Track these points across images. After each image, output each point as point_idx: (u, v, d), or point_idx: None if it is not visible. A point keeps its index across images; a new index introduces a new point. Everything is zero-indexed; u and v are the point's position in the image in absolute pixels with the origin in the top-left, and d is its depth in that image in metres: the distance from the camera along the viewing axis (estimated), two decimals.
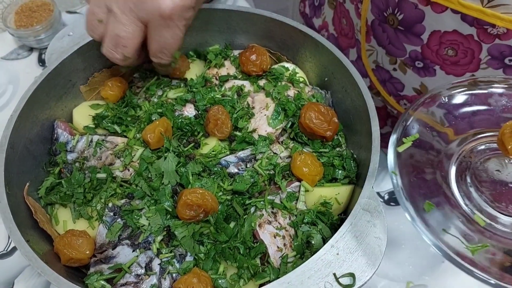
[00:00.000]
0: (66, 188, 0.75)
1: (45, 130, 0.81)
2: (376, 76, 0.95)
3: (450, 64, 0.78)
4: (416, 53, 0.81)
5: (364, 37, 0.91)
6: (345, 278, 0.57)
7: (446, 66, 0.79)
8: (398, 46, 0.83)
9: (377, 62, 0.92)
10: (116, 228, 0.70)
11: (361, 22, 0.88)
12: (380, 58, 0.90)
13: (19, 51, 1.24)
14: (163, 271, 0.67)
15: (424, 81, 0.84)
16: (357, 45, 0.96)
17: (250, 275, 0.66)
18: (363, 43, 0.92)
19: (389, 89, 0.93)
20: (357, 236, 0.60)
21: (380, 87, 0.95)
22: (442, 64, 0.79)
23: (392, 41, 0.83)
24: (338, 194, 0.74)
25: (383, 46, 0.87)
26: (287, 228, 0.71)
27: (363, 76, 0.98)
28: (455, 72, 0.78)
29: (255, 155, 0.79)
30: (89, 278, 0.66)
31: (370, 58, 0.93)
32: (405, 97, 0.91)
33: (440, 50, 0.77)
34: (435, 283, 0.85)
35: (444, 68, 0.79)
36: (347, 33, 0.99)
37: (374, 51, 0.90)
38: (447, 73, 0.79)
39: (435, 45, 0.77)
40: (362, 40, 0.91)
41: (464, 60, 0.75)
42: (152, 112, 0.83)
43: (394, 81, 0.90)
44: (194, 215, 0.69)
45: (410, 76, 0.86)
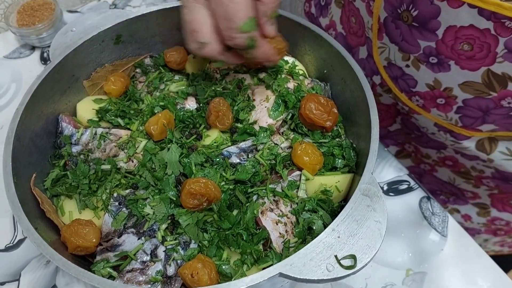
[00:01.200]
0: (71, 180, 0.76)
1: (50, 124, 0.82)
2: (388, 73, 0.95)
3: (465, 59, 0.77)
4: (430, 49, 0.80)
5: (376, 35, 0.90)
6: (346, 260, 0.58)
7: (461, 61, 0.78)
8: (412, 42, 0.82)
9: (389, 59, 0.91)
10: (122, 217, 0.72)
11: (373, 20, 0.88)
12: (392, 55, 0.90)
13: (21, 50, 1.26)
14: (168, 258, 0.68)
15: (438, 76, 0.84)
16: (367, 42, 0.96)
17: (253, 260, 0.67)
18: (375, 41, 0.92)
19: (401, 85, 0.93)
20: (358, 220, 0.62)
21: (392, 84, 0.95)
22: (457, 59, 0.78)
23: (406, 37, 0.83)
24: (338, 182, 0.75)
25: (396, 43, 0.86)
26: (289, 216, 0.73)
27: (374, 73, 0.99)
28: (470, 67, 0.78)
29: (256, 146, 0.80)
30: (96, 266, 0.68)
31: (382, 55, 0.93)
32: (417, 93, 0.91)
33: (456, 45, 0.76)
34: (434, 270, 0.87)
35: (459, 63, 0.79)
36: (356, 31, 0.99)
37: (386, 48, 0.90)
38: (462, 68, 0.79)
39: (451, 40, 0.76)
40: (373, 37, 0.91)
41: (480, 54, 0.75)
42: (155, 105, 0.85)
43: (407, 78, 0.90)
44: (198, 203, 0.71)
45: (424, 72, 0.86)
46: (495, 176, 0.99)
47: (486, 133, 0.89)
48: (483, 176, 1.02)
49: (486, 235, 1.25)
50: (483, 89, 0.79)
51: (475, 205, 1.15)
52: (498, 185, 1.02)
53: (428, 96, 0.89)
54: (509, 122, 0.84)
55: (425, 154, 1.12)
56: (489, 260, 0.88)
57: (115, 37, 0.90)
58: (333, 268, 0.57)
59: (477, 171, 1.01)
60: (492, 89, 0.78)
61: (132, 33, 0.91)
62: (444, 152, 1.04)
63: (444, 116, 0.90)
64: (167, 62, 0.94)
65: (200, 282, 0.62)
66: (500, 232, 1.21)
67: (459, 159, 1.02)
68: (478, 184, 1.07)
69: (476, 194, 1.11)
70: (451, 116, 0.89)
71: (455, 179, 1.11)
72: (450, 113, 0.88)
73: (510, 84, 0.76)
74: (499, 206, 1.11)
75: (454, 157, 1.03)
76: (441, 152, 1.05)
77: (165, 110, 0.82)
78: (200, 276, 0.63)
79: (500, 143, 0.90)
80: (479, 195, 1.11)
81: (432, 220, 0.92)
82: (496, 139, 0.90)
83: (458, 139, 0.93)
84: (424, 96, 0.89)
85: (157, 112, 0.83)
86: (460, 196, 1.16)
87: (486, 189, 1.07)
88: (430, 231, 0.91)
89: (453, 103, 0.86)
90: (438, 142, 1.01)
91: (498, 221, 1.16)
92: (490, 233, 1.23)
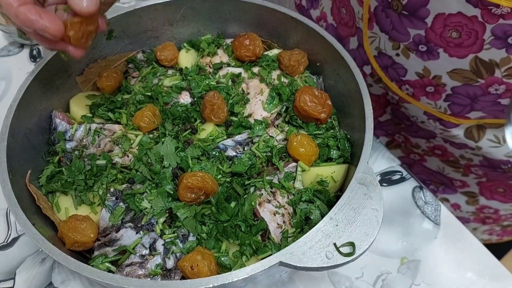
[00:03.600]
0: (67, 176, 0.76)
1: (43, 120, 0.82)
2: (378, 63, 0.96)
3: (454, 46, 0.79)
4: (420, 37, 0.82)
5: (366, 25, 0.91)
6: (345, 247, 0.59)
7: (450, 48, 0.80)
8: (401, 31, 0.84)
9: (380, 49, 0.93)
10: (119, 211, 0.72)
11: (364, 9, 0.89)
12: (382, 44, 0.91)
13: (10, 48, 1.24)
14: (167, 251, 0.68)
15: (427, 64, 0.85)
16: (358, 33, 0.97)
17: (252, 251, 0.68)
18: (365, 31, 0.93)
19: (391, 75, 0.95)
20: (355, 208, 0.63)
21: (382, 74, 0.97)
22: (446, 47, 0.80)
23: (396, 26, 0.84)
24: (333, 173, 0.76)
25: (386, 32, 0.87)
26: (286, 207, 0.74)
27: (364, 63, 1.00)
28: (458, 54, 0.79)
29: (251, 139, 0.81)
30: (94, 261, 0.68)
31: (372, 45, 0.94)
32: (407, 82, 0.92)
33: (444, 33, 0.78)
34: (428, 258, 0.88)
35: (447, 51, 0.80)
36: (347, 22, 1.00)
37: (376, 38, 0.91)
38: (450, 55, 0.81)
39: (439, 28, 0.78)
40: (364, 27, 0.92)
41: (468, 41, 0.76)
42: (137, 94, 0.85)
43: (397, 67, 0.91)
44: (195, 197, 0.71)
45: (413, 60, 0.87)
46: (483, 164, 1.00)
47: (474, 120, 0.90)
48: (471, 164, 1.04)
49: (475, 224, 1.27)
50: (471, 76, 0.81)
51: (464, 194, 1.17)
52: (486, 173, 1.04)
53: (417, 85, 0.90)
54: (496, 109, 0.86)
55: (415, 144, 1.14)
56: (481, 247, 0.89)
57: (107, 33, 0.89)
58: (332, 255, 0.58)
59: (466, 159, 1.03)
60: (480, 76, 0.80)
61: (124, 28, 0.91)
62: (433, 141, 1.06)
63: (433, 104, 0.91)
64: (158, 59, 0.94)
65: (200, 274, 0.63)
66: (489, 220, 1.23)
67: (448, 148, 1.04)
68: (466, 173, 1.09)
69: (464, 183, 1.13)
70: (440, 104, 0.90)
71: (444, 168, 1.13)
72: (439, 101, 0.90)
73: (497, 71, 0.77)
74: (487, 194, 1.13)
75: (443, 146, 1.05)
76: (430, 141, 1.07)
77: (149, 104, 0.83)
78: (200, 268, 0.63)
79: (488, 130, 0.92)
80: (467, 183, 1.13)
81: (425, 209, 0.94)
82: (484, 126, 0.91)
83: (447, 127, 0.94)
84: (414, 85, 0.91)
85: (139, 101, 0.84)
86: (449, 185, 1.18)
87: (475, 177, 1.08)
88: (423, 220, 0.92)
89: (442, 91, 0.87)
90: (428, 131, 1.03)
91: (487, 209, 1.18)
92: (479, 221, 1.25)
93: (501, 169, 0.98)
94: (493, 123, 0.89)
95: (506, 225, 1.25)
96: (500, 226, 1.26)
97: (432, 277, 0.86)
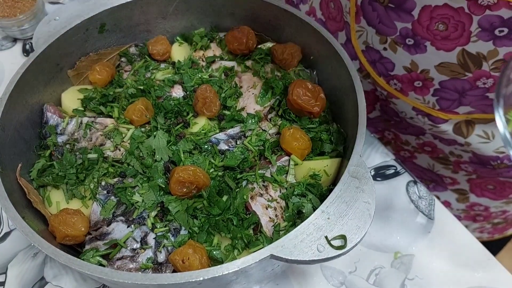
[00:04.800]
0: (58, 170, 0.75)
1: (34, 114, 0.81)
2: (366, 57, 0.96)
3: (441, 39, 0.78)
4: (407, 30, 0.81)
5: (353, 18, 0.91)
6: (336, 241, 0.59)
7: (437, 41, 0.79)
8: (388, 24, 0.83)
9: (367, 43, 0.92)
10: (110, 205, 0.71)
11: (350, 3, 0.89)
12: (370, 38, 0.91)
13: (2, 42, 1.24)
14: (158, 245, 0.68)
15: (415, 58, 0.85)
16: (346, 27, 0.97)
17: (244, 244, 0.67)
18: (353, 25, 0.92)
19: (379, 69, 0.95)
20: (347, 202, 0.62)
21: (370, 69, 0.96)
22: (433, 40, 0.80)
23: (383, 19, 0.84)
24: (326, 166, 0.76)
25: (373, 25, 0.87)
26: (278, 200, 0.73)
27: (352, 58, 0.99)
28: (445, 47, 0.79)
29: (244, 132, 0.80)
30: (85, 255, 0.67)
31: (360, 39, 0.94)
32: (395, 76, 0.92)
33: (431, 26, 0.78)
34: (422, 252, 0.88)
35: (434, 44, 0.80)
36: (335, 17, 1.00)
37: (364, 32, 0.91)
38: (438, 48, 0.80)
39: (426, 21, 0.77)
40: (351, 21, 0.92)
41: (455, 34, 0.76)
42: (130, 87, 0.85)
43: (385, 61, 0.91)
44: (187, 191, 0.70)
45: (401, 54, 0.87)
46: (472, 160, 1.00)
47: (463, 115, 0.90)
48: (461, 161, 1.03)
49: (466, 222, 1.27)
50: (459, 70, 0.81)
51: (454, 191, 1.17)
52: (476, 169, 1.04)
53: (405, 79, 0.90)
54: (485, 104, 0.85)
55: (405, 141, 1.14)
56: (475, 241, 0.89)
57: (99, 26, 0.88)
58: (323, 248, 0.58)
59: (455, 156, 1.03)
60: (467, 69, 0.80)
61: (117, 21, 0.90)
62: (423, 138, 1.06)
63: (421, 99, 0.91)
64: (150, 53, 0.93)
65: (191, 267, 0.62)
66: (479, 218, 1.23)
67: (438, 144, 1.04)
68: (456, 170, 1.09)
69: (455, 180, 1.13)
70: (428, 99, 0.90)
71: (434, 165, 1.13)
72: (428, 96, 0.89)
73: (484, 64, 0.77)
74: (477, 191, 1.12)
75: (432, 143, 1.05)
76: (420, 138, 1.07)
77: (141, 98, 0.82)
78: (191, 261, 0.63)
79: (477, 126, 0.91)
80: (457, 180, 1.13)
81: (419, 203, 0.93)
82: (473, 122, 0.91)
83: (436, 122, 0.94)
84: (402, 79, 0.91)
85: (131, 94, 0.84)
86: (439, 182, 1.17)
87: (465, 174, 1.08)
88: (417, 214, 0.92)
89: (430, 86, 0.87)
90: (417, 128, 1.02)
91: (477, 207, 1.18)
92: (469, 219, 1.25)
93: (490, 165, 0.98)
94: (481, 118, 0.89)
95: (497, 222, 1.24)
96: (490, 224, 1.26)
97: (426, 272, 0.85)
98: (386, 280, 0.84)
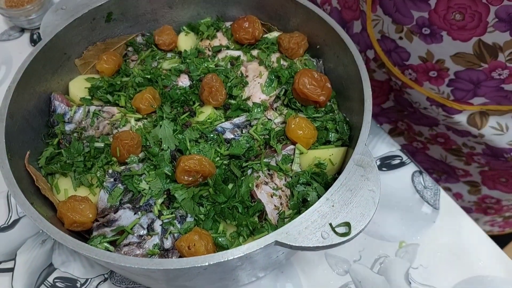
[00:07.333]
0: (66, 157, 0.76)
1: (42, 103, 0.82)
2: (381, 47, 0.95)
3: (457, 29, 0.78)
4: (423, 20, 0.81)
5: (369, 7, 0.90)
6: (341, 228, 0.59)
7: (453, 31, 0.79)
8: (405, 13, 0.83)
9: (383, 32, 0.91)
10: (117, 192, 0.72)
11: None
12: (386, 27, 0.90)
13: (10, 32, 1.24)
14: (164, 232, 0.69)
15: (431, 48, 0.84)
16: (361, 16, 0.96)
17: (249, 232, 0.68)
18: (369, 13, 0.92)
19: (394, 59, 0.94)
20: (352, 189, 0.62)
21: (385, 58, 0.96)
22: (449, 30, 0.79)
23: (399, 8, 0.83)
24: (332, 155, 0.76)
25: (390, 14, 0.86)
26: (283, 189, 0.74)
27: (368, 47, 0.99)
28: (461, 37, 0.79)
29: (250, 121, 0.80)
30: (93, 241, 0.68)
31: (375, 28, 0.93)
32: (410, 66, 0.91)
33: (448, 15, 0.77)
34: (426, 242, 0.88)
35: (451, 34, 0.79)
36: (351, 6, 0.99)
37: (380, 21, 0.90)
38: (454, 38, 0.80)
39: (443, 10, 0.77)
40: (367, 10, 0.91)
41: (471, 24, 0.75)
42: (137, 77, 0.85)
43: (400, 51, 0.91)
44: (193, 180, 0.71)
45: (416, 44, 0.86)
46: (485, 152, 1.00)
47: (477, 106, 0.89)
48: (474, 152, 1.03)
49: (477, 214, 1.27)
50: (474, 61, 0.80)
51: (466, 183, 1.17)
52: (488, 161, 1.03)
53: (420, 69, 0.89)
54: (499, 95, 0.85)
55: (417, 132, 1.13)
56: (480, 231, 0.89)
57: (106, 15, 0.89)
58: (328, 235, 0.58)
59: (468, 147, 1.02)
60: (483, 60, 0.79)
61: (123, 11, 0.91)
62: (436, 129, 1.05)
63: (436, 89, 0.90)
64: (156, 43, 0.93)
65: (197, 253, 0.63)
66: (491, 210, 1.22)
67: (451, 135, 1.03)
68: (469, 161, 1.08)
69: (467, 172, 1.12)
70: (443, 89, 0.89)
71: (447, 156, 1.12)
72: (442, 86, 0.89)
73: (500, 54, 0.76)
74: (489, 183, 1.12)
75: (445, 134, 1.04)
76: (433, 129, 1.06)
77: (149, 87, 0.83)
78: (197, 247, 0.63)
79: (491, 118, 0.91)
80: (470, 172, 1.12)
81: (424, 193, 0.94)
82: (487, 113, 0.91)
83: (450, 113, 0.94)
84: (417, 69, 0.90)
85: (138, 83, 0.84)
86: (451, 174, 1.17)
87: (477, 166, 1.08)
88: (423, 204, 0.92)
89: (445, 76, 0.86)
90: (431, 118, 1.02)
91: (489, 199, 1.17)
92: (480, 212, 1.24)
93: (503, 157, 0.97)
94: (496, 109, 0.88)
95: (508, 216, 1.24)
96: (502, 217, 1.25)
97: (430, 261, 0.86)
98: (390, 269, 0.85)
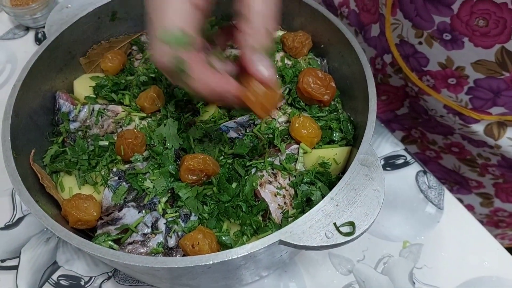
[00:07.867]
0: (70, 156, 0.76)
1: (47, 101, 0.82)
2: (400, 52, 0.93)
3: (480, 35, 0.76)
4: (444, 25, 0.79)
5: (389, 10, 0.89)
6: (345, 227, 0.59)
7: (475, 37, 0.77)
8: (426, 17, 0.81)
9: (402, 36, 0.90)
10: (122, 191, 0.72)
11: None
12: (405, 31, 0.88)
13: (15, 31, 1.25)
14: (169, 230, 0.69)
15: (451, 54, 0.83)
16: (380, 20, 0.94)
17: (252, 231, 0.68)
18: (388, 17, 0.90)
19: (412, 64, 0.92)
20: (356, 189, 0.62)
21: (403, 63, 0.94)
22: (472, 36, 0.77)
23: (420, 12, 0.81)
24: (336, 155, 0.76)
25: (410, 18, 0.85)
26: (287, 188, 0.74)
27: (385, 52, 0.97)
28: (484, 44, 0.77)
29: (253, 120, 0.80)
30: (97, 239, 0.68)
31: (394, 32, 0.91)
32: (428, 72, 0.90)
33: (471, 21, 0.75)
34: (431, 242, 0.88)
35: (473, 40, 0.77)
36: (369, 9, 0.98)
37: (399, 25, 0.89)
38: (476, 45, 0.78)
39: (466, 15, 0.75)
40: (387, 13, 0.90)
41: (495, 30, 0.73)
42: (141, 75, 0.85)
43: (419, 56, 0.89)
44: (197, 179, 0.71)
45: (436, 49, 0.84)
46: (501, 164, 0.98)
47: (496, 116, 0.88)
48: (489, 164, 1.01)
49: (488, 227, 1.23)
50: (496, 69, 0.78)
51: (479, 195, 1.14)
52: (503, 173, 1.01)
53: (439, 76, 0.88)
54: None
55: (431, 140, 1.11)
56: (484, 231, 0.89)
57: (111, 14, 0.89)
58: (332, 235, 0.58)
59: (483, 158, 1.00)
60: (505, 68, 0.77)
61: (128, 9, 0.91)
62: (451, 138, 1.03)
63: (454, 97, 0.89)
64: None
65: (201, 252, 0.63)
66: (502, 224, 1.20)
67: (466, 145, 1.01)
68: (483, 173, 1.06)
69: (480, 183, 1.10)
70: (461, 97, 0.88)
71: (460, 167, 1.10)
72: (461, 94, 0.87)
73: None
74: (503, 196, 1.10)
75: (460, 144, 1.02)
76: (448, 138, 1.04)
77: (153, 85, 0.83)
78: (201, 246, 0.63)
79: (509, 128, 0.89)
80: (483, 184, 1.10)
81: (429, 193, 0.93)
82: (505, 124, 0.89)
83: (467, 122, 0.92)
84: (435, 76, 0.88)
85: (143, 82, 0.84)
86: (464, 185, 1.15)
87: (491, 178, 1.06)
88: (427, 204, 0.92)
89: (464, 84, 0.85)
90: (446, 127, 1.00)
91: (501, 212, 1.15)
92: (491, 225, 1.22)
93: None
94: None
95: None
96: None
97: (434, 261, 0.86)
98: (394, 269, 0.85)
